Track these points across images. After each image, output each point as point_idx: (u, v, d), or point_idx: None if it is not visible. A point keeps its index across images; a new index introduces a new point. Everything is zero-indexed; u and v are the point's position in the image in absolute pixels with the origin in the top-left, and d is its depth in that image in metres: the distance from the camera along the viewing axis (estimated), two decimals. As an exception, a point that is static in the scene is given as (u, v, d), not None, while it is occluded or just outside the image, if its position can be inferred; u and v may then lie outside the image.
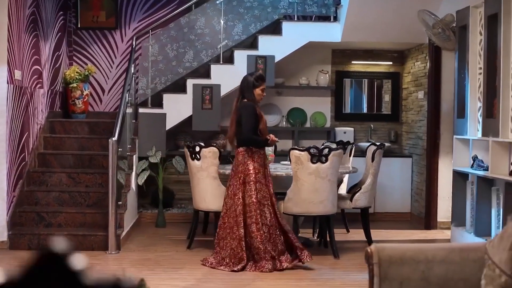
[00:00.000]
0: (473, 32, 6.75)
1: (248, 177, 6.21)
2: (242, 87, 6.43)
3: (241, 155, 6.26)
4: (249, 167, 6.22)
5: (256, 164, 6.24)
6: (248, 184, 6.20)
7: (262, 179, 6.25)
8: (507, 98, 6.00)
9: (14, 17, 7.01)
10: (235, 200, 6.22)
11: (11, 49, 6.93)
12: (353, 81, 9.70)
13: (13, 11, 6.97)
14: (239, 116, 6.31)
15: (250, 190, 6.19)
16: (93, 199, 7.50)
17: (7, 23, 6.82)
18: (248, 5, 8.69)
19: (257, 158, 6.28)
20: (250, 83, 6.36)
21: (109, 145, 6.92)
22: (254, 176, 6.20)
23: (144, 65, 8.60)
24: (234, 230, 6.22)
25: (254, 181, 6.20)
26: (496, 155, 6.19)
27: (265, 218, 6.22)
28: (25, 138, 7.43)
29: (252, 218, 6.16)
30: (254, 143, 6.27)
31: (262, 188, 6.24)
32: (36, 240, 6.97)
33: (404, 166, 9.13)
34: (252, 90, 6.35)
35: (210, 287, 5.63)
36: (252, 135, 6.25)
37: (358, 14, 8.08)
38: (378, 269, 3.58)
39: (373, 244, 3.66)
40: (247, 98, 6.35)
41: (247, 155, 6.25)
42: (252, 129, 6.26)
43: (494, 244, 3.40)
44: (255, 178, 6.21)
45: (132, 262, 6.51)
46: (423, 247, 3.69)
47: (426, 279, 3.56)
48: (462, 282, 3.58)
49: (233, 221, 6.23)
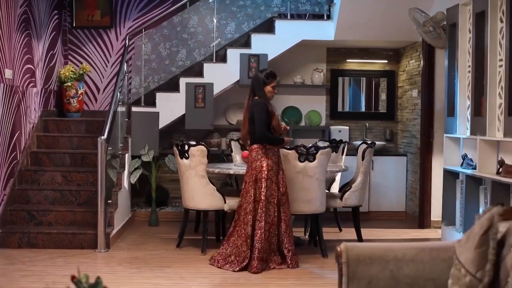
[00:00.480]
0: (463, 30, 6.72)
1: (260, 174, 6.21)
2: (253, 85, 6.42)
3: (255, 152, 6.27)
4: (262, 164, 6.22)
5: (269, 161, 6.24)
6: (260, 181, 6.20)
7: (273, 177, 6.23)
8: (494, 96, 5.97)
9: (4, 17, 7.03)
10: (247, 198, 6.24)
11: (1, 48, 6.95)
12: (348, 80, 9.67)
13: (3, 10, 6.99)
14: (251, 113, 6.30)
15: (260, 187, 6.20)
16: (84, 197, 7.51)
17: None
18: (241, 4, 8.69)
19: (271, 155, 6.27)
20: (261, 80, 6.35)
21: (98, 143, 6.93)
22: (266, 173, 6.19)
23: (137, 64, 8.61)
24: (241, 228, 6.24)
25: (265, 178, 6.20)
26: (484, 154, 6.15)
27: (268, 216, 6.21)
28: (16, 137, 7.45)
29: (257, 216, 6.18)
30: (268, 141, 6.26)
31: (272, 186, 6.22)
32: (26, 239, 6.99)
33: (399, 164, 9.09)
34: (263, 87, 6.34)
35: (193, 285, 5.62)
36: (266, 133, 6.24)
37: (351, 12, 8.05)
38: (347, 268, 3.57)
39: (343, 243, 3.65)
40: (258, 95, 6.34)
41: (261, 152, 6.25)
42: (264, 126, 6.24)
43: (461, 244, 3.38)
44: (266, 175, 6.19)
45: (119, 261, 6.51)
46: (393, 246, 3.66)
47: (395, 278, 3.55)
48: (432, 281, 3.55)
49: (242, 218, 6.25)
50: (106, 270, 6.19)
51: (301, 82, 9.31)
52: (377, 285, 3.54)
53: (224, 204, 6.91)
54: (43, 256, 6.66)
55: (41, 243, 6.99)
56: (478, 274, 3.14)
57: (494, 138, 5.96)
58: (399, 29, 8.19)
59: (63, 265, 6.30)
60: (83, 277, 2.66)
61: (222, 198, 6.90)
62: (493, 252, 3.14)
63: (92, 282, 2.87)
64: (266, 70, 6.51)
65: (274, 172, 6.25)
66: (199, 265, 6.36)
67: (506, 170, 5.72)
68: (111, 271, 6.15)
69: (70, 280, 2.47)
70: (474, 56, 6.38)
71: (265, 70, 6.52)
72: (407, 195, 9.09)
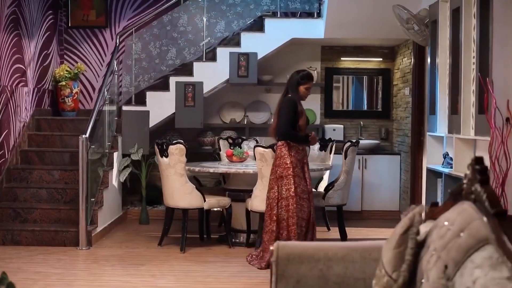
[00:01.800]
0: (442, 27, 6.63)
1: (286, 171, 6.23)
2: (288, 83, 6.51)
3: (279, 149, 6.32)
4: (286, 161, 6.24)
5: (293, 158, 6.26)
6: (286, 178, 6.22)
7: (300, 173, 6.27)
8: (468, 93, 5.87)
9: (-11, 17, 7.13)
10: (271, 193, 6.30)
11: (-15, 48, 7.05)
12: (343, 78, 9.61)
13: (-12, 10, 7.09)
14: (279, 110, 6.38)
15: (288, 183, 6.21)
16: (71, 195, 7.58)
17: (-20, 23, 6.95)
18: (230, 2, 8.69)
19: (294, 153, 6.29)
20: (295, 80, 6.41)
21: (79, 142, 7.00)
22: (291, 170, 6.22)
23: (127, 63, 8.66)
24: (267, 224, 6.30)
25: (293, 174, 6.23)
26: (460, 152, 6.06)
27: (303, 213, 6.24)
28: (4, 135, 7.54)
29: (288, 212, 6.20)
30: (292, 138, 6.30)
31: (301, 182, 6.25)
32: (10, 236, 7.09)
33: (392, 163, 9.02)
34: (297, 87, 6.39)
35: (161, 283, 5.64)
36: (288, 129, 6.28)
37: (339, 10, 8.00)
38: (276, 267, 3.56)
39: (277, 242, 3.64)
40: (291, 94, 6.40)
41: (284, 149, 6.28)
42: (288, 123, 6.28)
43: (386, 243, 3.35)
44: (293, 172, 6.23)
45: (97, 258, 6.56)
46: (324, 246, 3.64)
47: (324, 278, 3.53)
48: (362, 281, 3.53)
49: (268, 214, 6.31)
50: (81, 267, 6.26)
51: (294, 81, 9.27)
52: (306, 284, 3.53)
53: (204, 202, 6.92)
54: (24, 253, 6.74)
55: (25, 240, 7.08)
56: (394, 275, 3.10)
57: (467, 136, 5.88)
58: (388, 26, 8.10)
59: (40, 262, 6.37)
60: (-11, 272, 2.70)
61: (202, 196, 6.92)
62: (410, 252, 3.09)
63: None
64: (304, 71, 6.57)
65: (299, 169, 6.27)
66: (175, 263, 6.39)
67: (478, 169, 5.64)
68: (85, 268, 6.21)
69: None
70: (451, 54, 6.30)
71: (303, 71, 6.57)
72: (400, 194, 9.02)
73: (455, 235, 2.69)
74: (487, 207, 2.61)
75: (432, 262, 2.88)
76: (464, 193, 2.90)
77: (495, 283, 2.26)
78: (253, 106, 9.48)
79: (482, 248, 2.47)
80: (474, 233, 2.54)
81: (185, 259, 6.54)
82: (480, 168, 2.74)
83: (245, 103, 9.47)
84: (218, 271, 6.09)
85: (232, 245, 7.08)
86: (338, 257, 3.55)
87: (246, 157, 7.57)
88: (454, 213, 2.87)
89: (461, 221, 2.70)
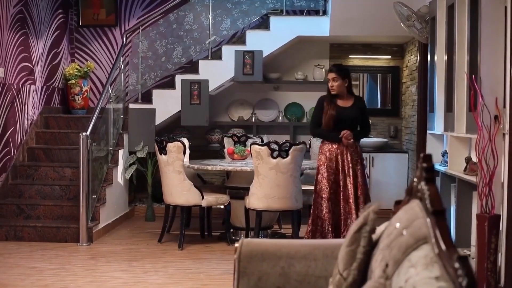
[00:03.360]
0: (440, 23, 6.56)
1: (316, 168, 6.39)
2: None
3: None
4: (320, 157, 6.37)
5: (323, 156, 6.33)
6: (316, 173, 6.38)
7: (324, 172, 6.27)
8: (461, 91, 5.81)
9: (-7, 16, 7.25)
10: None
11: (-11, 47, 7.18)
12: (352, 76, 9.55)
13: (-8, 10, 7.21)
14: None
15: (315, 179, 6.38)
16: (74, 192, 7.67)
17: (-16, 22, 7.07)
18: (236, 0, 8.72)
19: (326, 150, 6.33)
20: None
21: (79, 139, 7.08)
22: (318, 167, 6.33)
23: (134, 61, 8.73)
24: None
25: (317, 172, 6.35)
26: (454, 151, 6.01)
27: (320, 211, 6.27)
28: (10, 132, 7.66)
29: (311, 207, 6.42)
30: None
31: (323, 181, 6.27)
32: (13, 232, 7.20)
33: (400, 162, 8.95)
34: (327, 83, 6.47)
35: (151, 279, 5.69)
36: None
37: (343, 7, 7.95)
38: (238, 264, 3.58)
39: (242, 239, 3.66)
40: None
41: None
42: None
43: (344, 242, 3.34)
44: (318, 169, 6.33)
45: (95, 254, 6.63)
46: (287, 243, 3.64)
47: (285, 275, 3.53)
48: (323, 279, 3.52)
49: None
50: (77, 263, 6.32)
51: (302, 79, 9.26)
52: (267, 281, 3.53)
53: (202, 200, 6.96)
54: (25, 248, 6.84)
55: (27, 236, 7.19)
56: (344, 273, 3.09)
57: (460, 134, 5.82)
58: (393, 24, 8.01)
59: (38, 257, 6.47)
60: None
61: (200, 194, 6.94)
62: (362, 251, 3.08)
63: None
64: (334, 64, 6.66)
65: (325, 167, 6.27)
66: (170, 259, 6.43)
67: (470, 168, 5.58)
68: (80, 264, 6.28)
69: None
70: (447, 50, 6.24)
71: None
72: (408, 193, 8.93)
73: (399, 233, 2.68)
74: (428, 205, 2.60)
75: (378, 260, 2.88)
76: (414, 191, 2.89)
77: (424, 282, 2.24)
78: (261, 104, 9.49)
79: (420, 247, 2.46)
80: (415, 232, 2.53)
81: (181, 256, 6.58)
82: (427, 166, 2.73)
83: (253, 101, 9.48)
84: (211, 268, 6.11)
85: (231, 242, 7.11)
86: (300, 255, 3.55)
87: (247, 155, 7.57)
88: (403, 211, 2.87)
89: (406, 219, 2.70)
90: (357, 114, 6.39)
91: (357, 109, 6.40)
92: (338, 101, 6.38)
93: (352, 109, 6.38)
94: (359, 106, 6.44)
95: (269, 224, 7.35)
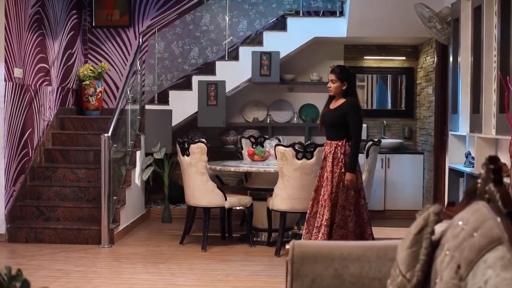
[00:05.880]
0: (464, 25, 6.56)
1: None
2: None
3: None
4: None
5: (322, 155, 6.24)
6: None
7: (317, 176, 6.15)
8: (489, 92, 5.81)
9: (13, 17, 7.20)
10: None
11: (9, 47, 7.12)
12: (366, 77, 9.57)
13: (12, 10, 7.16)
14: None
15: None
16: (93, 194, 7.64)
17: (4, 23, 7.02)
18: (253, 1, 8.68)
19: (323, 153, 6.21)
20: None
21: (101, 140, 7.05)
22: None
23: (150, 62, 8.70)
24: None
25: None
26: (481, 152, 6.00)
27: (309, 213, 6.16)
28: (28, 134, 7.62)
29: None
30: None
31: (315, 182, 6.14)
32: (33, 234, 7.16)
33: (415, 163, 8.96)
34: None
35: (180, 282, 5.66)
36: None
37: (361, 8, 7.95)
38: (291, 266, 3.56)
39: (292, 241, 3.64)
40: None
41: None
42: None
43: (401, 243, 3.33)
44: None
45: (118, 256, 6.61)
46: (339, 245, 3.63)
47: (339, 277, 3.51)
48: (377, 280, 3.51)
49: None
50: (102, 265, 6.30)
51: (317, 80, 9.25)
52: (321, 283, 3.52)
53: (225, 201, 6.94)
54: (47, 250, 6.81)
55: (48, 238, 7.15)
56: (408, 274, 3.08)
57: (489, 135, 5.82)
58: (411, 25, 8.03)
59: (62, 259, 6.43)
60: (3, 269, 2.73)
61: (223, 195, 6.93)
62: (424, 252, 3.07)
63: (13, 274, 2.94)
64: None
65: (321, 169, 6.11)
66: (196, 261, 6.41)
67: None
68: (106, 266, 6.26)
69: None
70: (473, 52, 6.24)
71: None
72: (423, 194, 8.96)
73: (468, 235, 2.66)
74: (500, 207, 2.59)
75: (446, 262, 2.86)
76: (479, 193, 2.87)
77: (506, 283, 2.24)
78: (276, 105, 9.47)
79: (495, 249, 2.45)
80: (487, 233, 2.52)
81: (205, 258, 6.56)
82: (494, 167, 2.72)
83: (268, 102, 9.47)
84: (238, 269, 6.10)
85: (253, 243, 7.09)
86: (354, 256, 3.53)
87: (268, 156, 7.56)
88: (468, 212, 2.84)
89: (474, 221, 2.68)
90: (335, 117, 6.04)
91: (338, 113, 6.04)
92: (332, 103, 6.20)
93: (333, 112, 6.10)
94: (342, 110, 6.02)
95: (290, 225, 7.33)
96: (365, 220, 6.10)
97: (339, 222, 5.95)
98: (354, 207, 5.99)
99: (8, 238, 7.17)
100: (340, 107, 6.07)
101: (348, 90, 6.13)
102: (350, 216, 5.98)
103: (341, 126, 6.02)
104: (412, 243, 3.13)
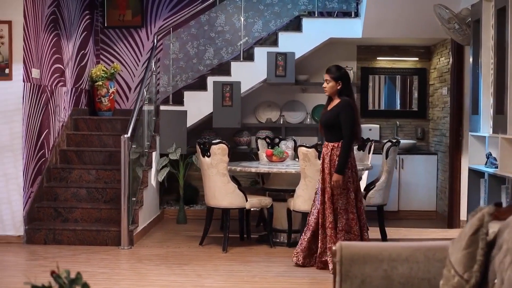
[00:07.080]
0: (486, 26, 6.58)
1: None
2: None
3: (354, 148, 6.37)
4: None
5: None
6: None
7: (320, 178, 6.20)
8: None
9: (31, 17, 7.16)
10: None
11: (27, 48, 7.09)
12: (379, 78, 9.57)
13: (30, 11, 7.13)
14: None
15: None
16: (110, 195, 7.61)
17: (23, 23, 6.99)
18: (268, 2, 8.68)
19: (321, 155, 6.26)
20: None
21: (121, 141, 7.02)
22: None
23: (165, 63, 8.68)
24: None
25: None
26: (506, 153, 6.03)
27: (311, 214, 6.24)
28: (44, 135, 7.59)
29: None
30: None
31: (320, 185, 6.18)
32: (51, 235, 7.13)
33: (429, 163, 8.98)
34: None
35: (208, 283, 5.64)
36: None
37: (378, 9, 7.97)
38: (340, 267, 3.54)
39: (339, 242, 3.63)
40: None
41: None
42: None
43: (453, 244, 3.33)
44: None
45: (140, 257, 6.57)
46: (387, 246, 3.62)
47: (388, 278, 3.51)
48: (426, 281, 3.51)
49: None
50: (126, 267, 6.28)
51: (330, 80, 9.23)
52: (371, 284, 3.51)
53: (246, 202, 6.92)
54: (67, 252, 6.77)
55: (66, 240, 7.11)
56: (465, 275, 3.08)
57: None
58: (427, 26, 8.05)
59: (83, 261, 6.39)
60: (63, 272, 2.71)
61: (244, 196, 6.91)
62: (481, 253, 3.07)
63: (73, 277, 2.92)
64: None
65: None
66: (218, 262, 6.39)
67: (526, 169, 5.60)
68: (129, 267, 6.23)
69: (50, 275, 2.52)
70: (496, 53, 6.25)
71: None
72: (437, 194, 8.97)
73: (531, 236, 2.66)
74: None
75: (507, 262, 2.86)
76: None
77: None
78: (289, 106, 9.47)
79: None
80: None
81: (228, 259, 6.54)
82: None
83: (281, 103, 9.46)
84: (263, 271, 6.08)
85: (273, 244, 7.08)
86: (402, 257, 3.53)
87: (286, 157, 7.55)
88: (527, 214, 2.84)
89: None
90: (331, 119, 6.08)
91: (333, 114, 6.07)
92: (330, 103, 6.25)
93: (329, 113, 6.13)
94: (336, 111, 6.06)
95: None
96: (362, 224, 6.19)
97: (344, 226, 6.04)
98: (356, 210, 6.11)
99: (27, 239, 7.13)
100: (335, 107, 6.13)
101: (343, 90, 6.14)
102: (354, 219, 6.08)
103: (336, 127, 6.06)
104: (468, 244, 3.13)
